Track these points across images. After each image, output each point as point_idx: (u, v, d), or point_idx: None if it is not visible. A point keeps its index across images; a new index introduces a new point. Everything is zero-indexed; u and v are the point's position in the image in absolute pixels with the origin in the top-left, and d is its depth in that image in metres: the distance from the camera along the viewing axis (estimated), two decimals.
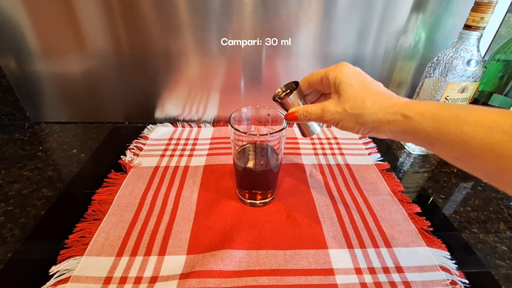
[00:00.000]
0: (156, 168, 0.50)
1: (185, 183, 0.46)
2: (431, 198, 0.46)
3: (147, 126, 0.61)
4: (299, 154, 0.54)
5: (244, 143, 0.40)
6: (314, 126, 0.36)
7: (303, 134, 0.37)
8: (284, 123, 0.36)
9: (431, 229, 0.39)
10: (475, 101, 0.51)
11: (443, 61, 0.48)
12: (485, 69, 0.47)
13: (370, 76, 0.30)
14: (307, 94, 0.35)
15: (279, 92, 0.36)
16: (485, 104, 0.50)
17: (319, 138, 0.59)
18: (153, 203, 0.43)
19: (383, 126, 0.27)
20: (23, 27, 0.52)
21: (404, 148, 0.58)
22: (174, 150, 0.55)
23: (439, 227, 0.40)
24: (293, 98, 0.33)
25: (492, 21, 0.52)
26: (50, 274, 0.32)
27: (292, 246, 0.37)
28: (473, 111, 0.23)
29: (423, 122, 0.24)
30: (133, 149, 0.54)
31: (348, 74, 0.29)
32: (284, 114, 0.34)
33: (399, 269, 0.34)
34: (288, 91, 0.36)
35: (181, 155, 0.53)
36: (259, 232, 0.38)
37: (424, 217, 0.41)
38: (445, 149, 0.24)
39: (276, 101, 0.34)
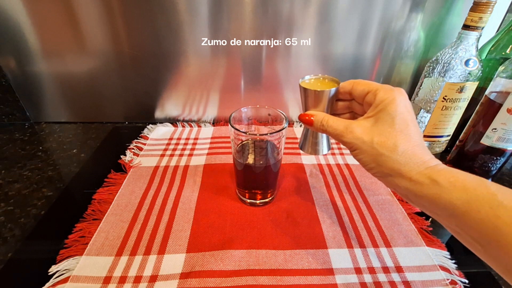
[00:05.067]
0: (156, 167, 0.50)
1: (185, 182, 0.46)
2: None
3: (147, 126, 0.61)
4: (299, 154, 0.54)
5: (244, 143, 0.40)
6: (324, 143, 0.31)
7: (303, 148, 0.31)
8: (284, 123, 0.36)
9: (431, 228, 0.39)
10: (474, 100, 0.51)
11: (441, 61, 0.48)
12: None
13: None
14: (337, 101, 0.30)
15: (311, 79, 0.30)
16: None
17: None
18: (153, 202, 0.43)
19: (401, 180, 0.24)
20: (23, 27, 0.52)
21: None
22: (174, 149, 0.55)
23: (439, 227, 0.40)
24: (325, 95, 0.27)
25: (492, 21, 0.52)
26: (49, 274, 0.32)
27: (292, 246, 0.37)
28: None
29: (452, 193, 0.21)
30: (133, 149, 0.54)
31: (400, 106, 0.24)
32: (299, 113, 0.29)
33: (399, 269, 0.34)
34: (319, 83, 0.30)
35: (181, 155, 0.53)
36: (259, 232, 0.38)
37: (424, 217, 0.41)
38: (469, 229, 0.21)
39: (301, 87, 0.29)
